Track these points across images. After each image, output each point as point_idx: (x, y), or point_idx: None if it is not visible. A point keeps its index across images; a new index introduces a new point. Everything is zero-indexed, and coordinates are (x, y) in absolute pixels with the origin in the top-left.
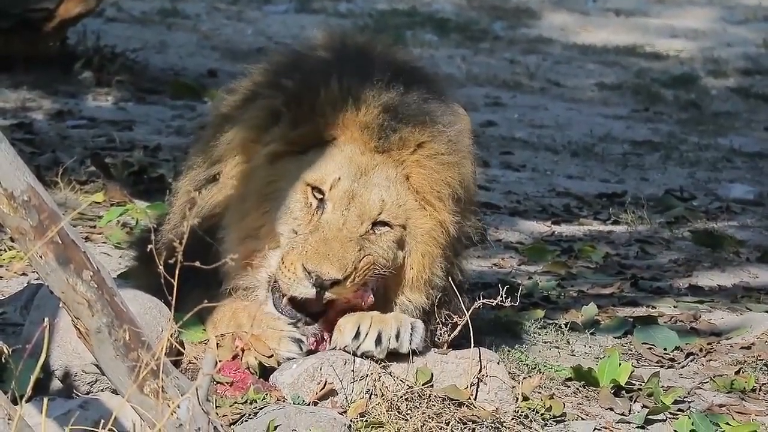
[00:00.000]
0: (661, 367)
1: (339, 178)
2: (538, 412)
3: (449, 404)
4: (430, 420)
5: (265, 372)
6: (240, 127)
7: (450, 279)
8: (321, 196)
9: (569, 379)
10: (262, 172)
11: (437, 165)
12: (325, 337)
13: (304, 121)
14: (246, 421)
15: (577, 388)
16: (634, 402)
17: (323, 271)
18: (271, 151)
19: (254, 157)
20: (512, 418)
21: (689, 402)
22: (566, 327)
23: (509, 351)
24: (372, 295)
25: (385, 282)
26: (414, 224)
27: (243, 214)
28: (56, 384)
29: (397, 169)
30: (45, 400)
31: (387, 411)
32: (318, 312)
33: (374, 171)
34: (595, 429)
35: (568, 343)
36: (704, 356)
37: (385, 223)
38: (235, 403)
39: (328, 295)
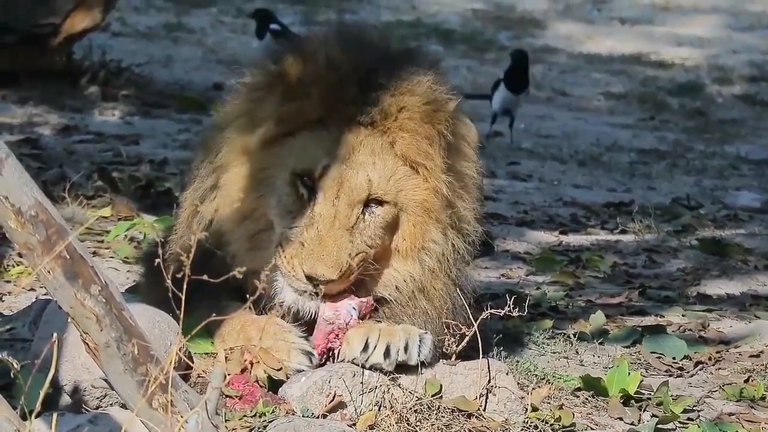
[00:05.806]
0: (670, 376)
1: (328, 165)
2: (547, 423)
3: (458, 415)
4: (440, 431)
5: (274, 385)
6: (237, 115)
7: (458, 288)
8: (311, 185)
9: (578, 389)
10: (256, 157)
11: (419, 121)
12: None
13: (292, 98)
14: None
15: (587, 398)
16: (644, 411)
17: (319, 273)
18: (264, 135)
19: (250, 143)
20: (521, 429)
21: (699, 411)
22: (575, 337)
23: (518, 361)
24: (373, 299)
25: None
26: (406, 196)
27: (239, 198)
28: (65, 399)
29: (382, 138)
30: (54, 415)
31: (396, 423)
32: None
33: (360, 148)
34: None
35: (577, 353)
36: (713, 365)
37: (376, 201)
38: (245, 416)
39: (321, 288)
